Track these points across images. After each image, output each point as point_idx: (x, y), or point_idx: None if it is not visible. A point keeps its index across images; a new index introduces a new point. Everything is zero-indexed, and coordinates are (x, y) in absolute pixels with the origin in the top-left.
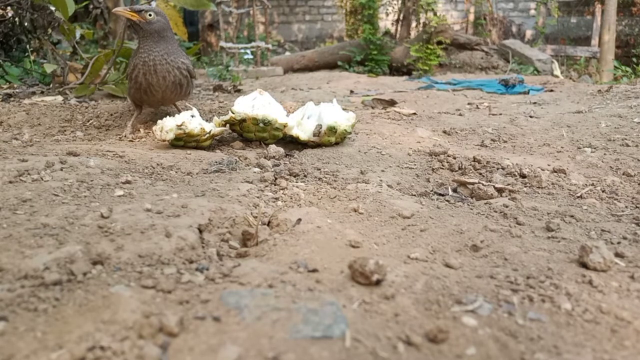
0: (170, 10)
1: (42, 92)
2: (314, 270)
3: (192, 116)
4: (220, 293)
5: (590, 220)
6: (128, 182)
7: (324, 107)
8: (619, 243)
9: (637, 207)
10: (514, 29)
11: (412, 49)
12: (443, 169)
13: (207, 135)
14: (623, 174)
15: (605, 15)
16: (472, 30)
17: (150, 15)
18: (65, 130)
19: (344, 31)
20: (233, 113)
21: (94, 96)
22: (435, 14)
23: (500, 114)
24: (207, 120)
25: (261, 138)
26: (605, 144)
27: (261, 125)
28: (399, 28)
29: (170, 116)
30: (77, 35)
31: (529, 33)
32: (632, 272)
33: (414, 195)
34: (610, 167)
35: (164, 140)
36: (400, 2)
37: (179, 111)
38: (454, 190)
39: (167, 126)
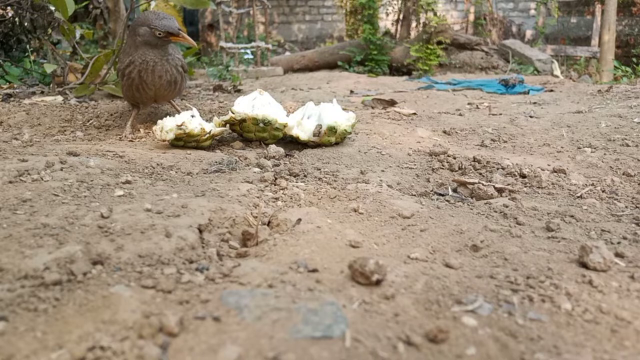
0: (170, 10)
1: (42, 92)
2: (314, 270)
3: (192, 116)
4: (220, 293)
5: (590, 220)
6: (128, 182)
7: (324, 107)
8: (619, 243)
9: (637, 207)
10: (514, 29)
11: (412, 49)
12: (443, 169)
13: (207, 135)
14: (623, 174)
15: (605, 15)
16: (472, 30)
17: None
18: (65, 130)
19: (344, 31)
20: (233, 113)
21: (94, 96)
22: (435, 14)
23: (500, 114)
24: (207, 120)
25: (261, 138)
26: (605, 144)
27: (261, 125)
28: (399, 28)
29: (170, 116)
30: (77, 35)
31: (529, 33)
32: (632, 272)
33: (414, 195)
34: (610, 167)
35: (164, 140)
36: (400, 2)
37: (179, 111)
38: (454, 190)
39: (167, 126)
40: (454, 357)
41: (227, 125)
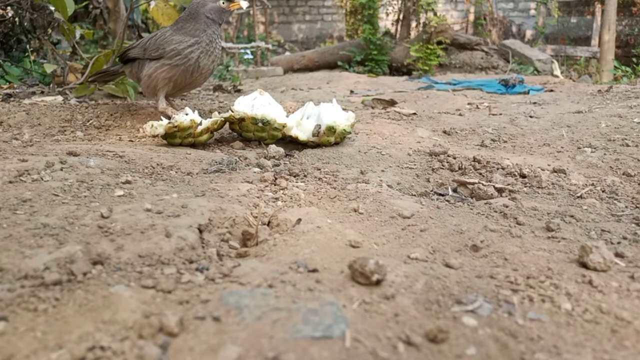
0: (170, 10)
1: (42, 92)
2: (314, 270)
3: (186, 114)
4: (220, 293)
5: (590, 220)
6: (128, 182)
7: (323, 107)
8: (619, 243)
9: (637, 207)
10: (514, 29)
11: (412, 49)
12: (443, 169)
13: (202, 128)
14: (623, 174)
15: (605, 15)
16: (472, 30)
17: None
18: (65, 130)
19: (344, 31)
20: (233, 112)
21: (94, 96)
22: (435, 14)
23: (500, 114)
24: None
25: (260, 138)
26: (605, 144)
27: (260, 124)
28: (399, 28)
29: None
30: (77, 35)
31: (529, 33)
32: (632, 272)
33: (414, 195)
34: (610, 167)
35: (155, 136)
36: (400, 2)
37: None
38: (454, 190)
39: (157, 122)
40: (454, 357)
41: (227, 123)
